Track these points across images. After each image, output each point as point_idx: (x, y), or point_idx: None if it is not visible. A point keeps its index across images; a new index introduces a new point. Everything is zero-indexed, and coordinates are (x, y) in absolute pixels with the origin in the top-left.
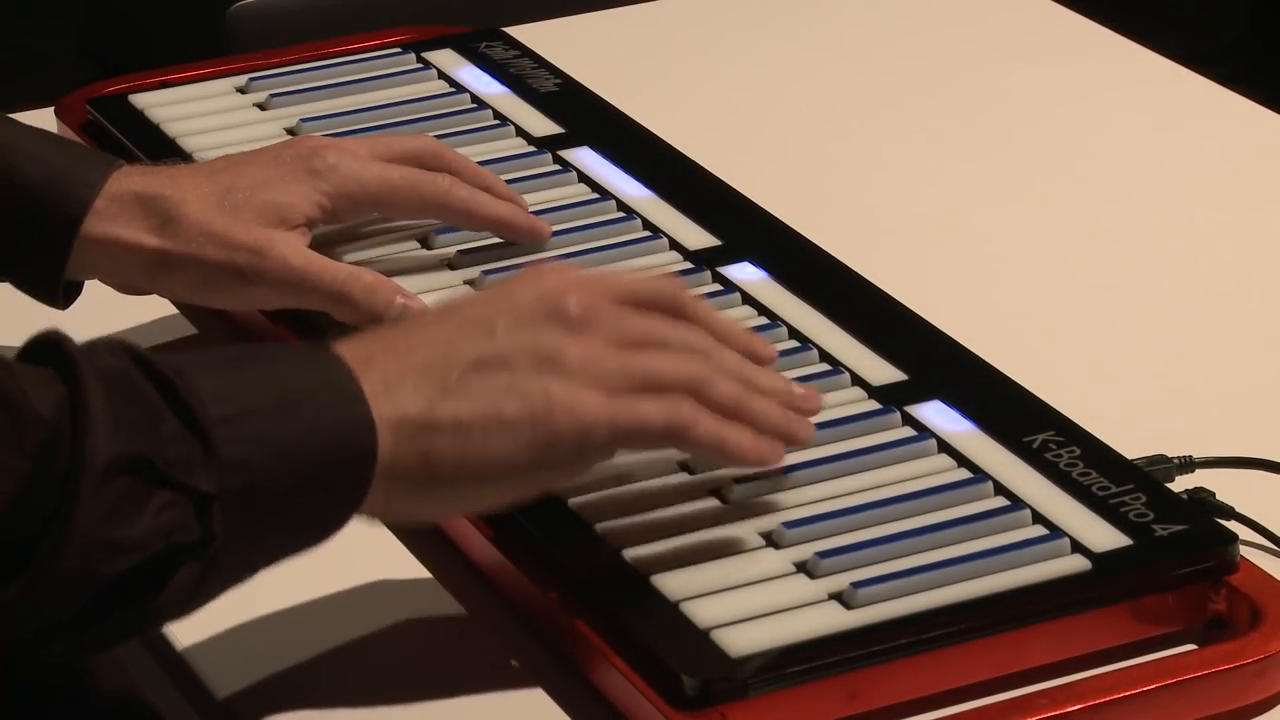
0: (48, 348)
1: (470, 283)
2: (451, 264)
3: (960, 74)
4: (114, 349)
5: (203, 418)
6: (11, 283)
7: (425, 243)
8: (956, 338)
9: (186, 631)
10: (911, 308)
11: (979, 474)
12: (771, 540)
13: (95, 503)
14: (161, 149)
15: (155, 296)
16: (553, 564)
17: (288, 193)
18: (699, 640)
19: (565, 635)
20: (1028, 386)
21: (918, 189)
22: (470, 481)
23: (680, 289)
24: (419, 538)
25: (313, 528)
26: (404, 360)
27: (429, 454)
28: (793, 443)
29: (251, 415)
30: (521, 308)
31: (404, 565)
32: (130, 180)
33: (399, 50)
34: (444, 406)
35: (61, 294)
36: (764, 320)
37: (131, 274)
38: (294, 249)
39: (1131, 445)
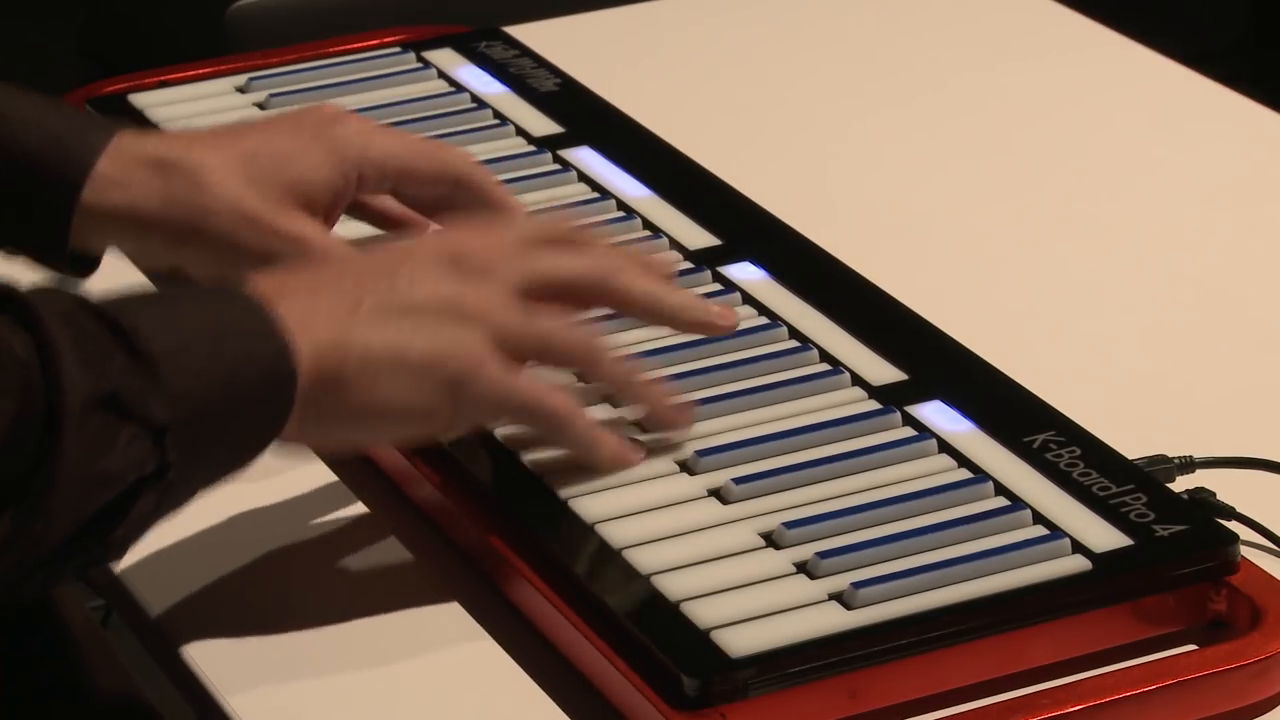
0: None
1: None
2: None
3: (960, 73)
4: (57, 293)
5: (148, 353)
6: (25, 256)
7: None
8: (956, 338)
9: (186, 630)
10: (911, 308)
11: (979, 474)
12: (771, 540)
13: (79, 440)
14: None
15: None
16: (553, 564)
17: (315, 168)
18: (699, 640)
19: (564, 633)
20: (1028, 386)
21: (918, 189)
22: (374, 416)
23: (574, 225)
24: (422, 537)
25: (245, 451)
26: (313, 297)
27: (339, 383)
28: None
29: (189, 349)
30: (424, 258)
31: (404, 562)
32: (141, 144)
33: (399, 50)
34: (354, 336)
35: (69, 264)
36: (764, 320)
37: (151, 247)
38: (333, 240)
39: (1131, 445)
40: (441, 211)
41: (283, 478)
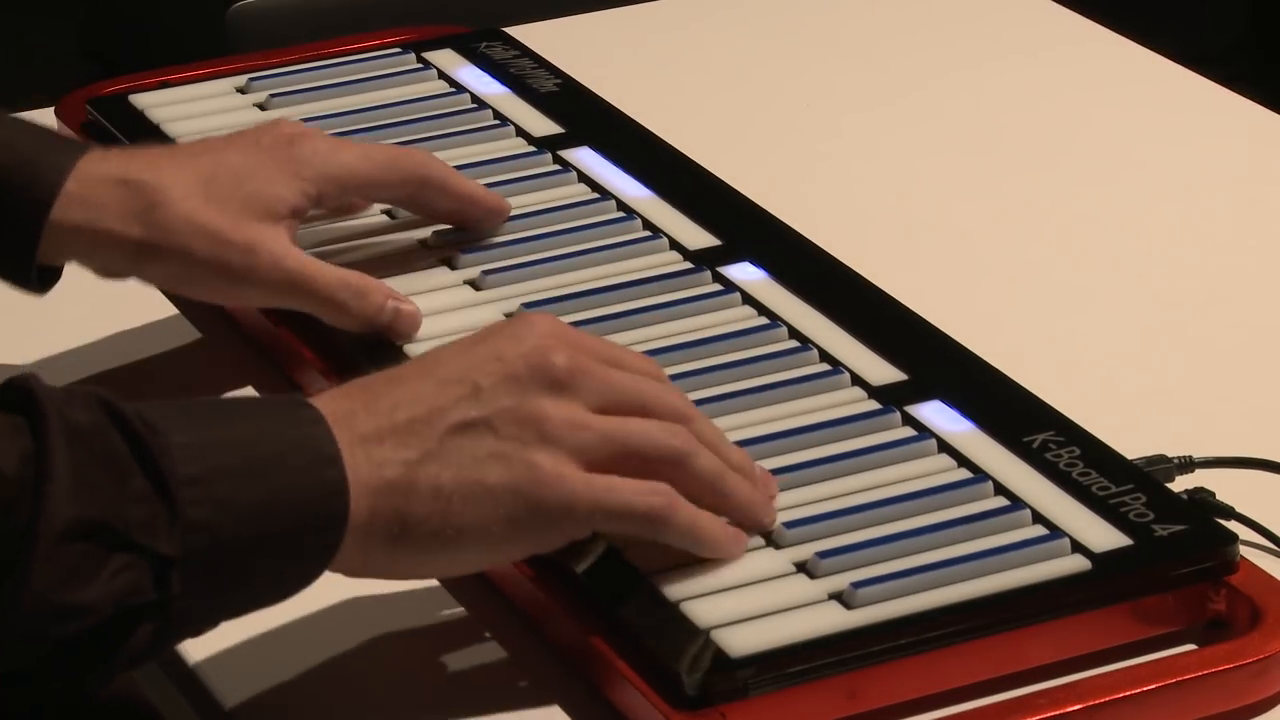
0: (21, 394)
1: (470, 282)
2: (450, 263)
3: (960, 73)
4: (89, 401)
5: (170, 478)
6: None
7: (425, 242)
8: (956, 338)
9: None
10: (911, 308)
11: (979, 474)
12: (771, 540)
13: (48, 567)
14: None
15: (157, 301)
16: (553, 565)
17: (271, 183)
18: (699, 640)
19: (566, 637)
20: (1028, 386)
21: (917, 189)
22: (446, 547)
23: (658, 370)
24: None
25: (276, 586)
26: (385, 419)
27: (406, 518)
28: (758, 524)
29: (219, 475)
30: (507, 365)
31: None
32: (105, 164)
33: (399, 50)
34: (425, 471)
35: (35, 279)
36: (764, 320)
37: (112, 262)
38: (285, 249)
39: (1131, 445)
40: (411, 208)
41: None
